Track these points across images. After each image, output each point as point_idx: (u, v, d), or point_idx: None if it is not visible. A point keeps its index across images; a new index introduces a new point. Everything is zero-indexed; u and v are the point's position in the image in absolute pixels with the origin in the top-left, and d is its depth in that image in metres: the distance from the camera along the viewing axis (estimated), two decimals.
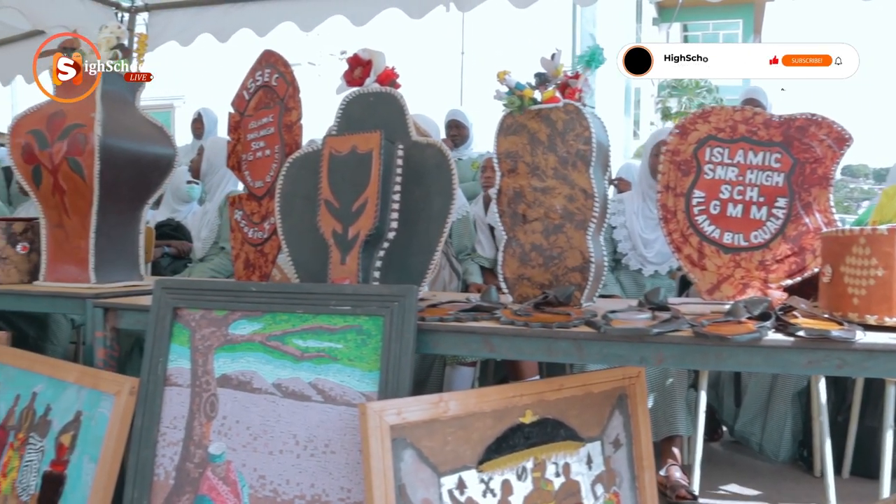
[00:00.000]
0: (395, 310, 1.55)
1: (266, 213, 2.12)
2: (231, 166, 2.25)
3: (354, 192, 1.84)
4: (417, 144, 1.93)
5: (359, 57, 2.04)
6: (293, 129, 2.07)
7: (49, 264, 2.30)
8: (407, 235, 1.89)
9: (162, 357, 1.72)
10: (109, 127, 2.17)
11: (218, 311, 1.71)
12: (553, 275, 1.99)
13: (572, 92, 2.04)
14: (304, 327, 1.62)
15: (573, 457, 1.78)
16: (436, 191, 1.88)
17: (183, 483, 1.66)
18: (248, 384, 1.64)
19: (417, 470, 1.50)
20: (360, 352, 1.57)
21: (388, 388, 1.51)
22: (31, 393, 2.00)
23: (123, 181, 2.25)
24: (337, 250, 1.83)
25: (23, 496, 1.89)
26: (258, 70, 2.20)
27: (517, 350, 1.57)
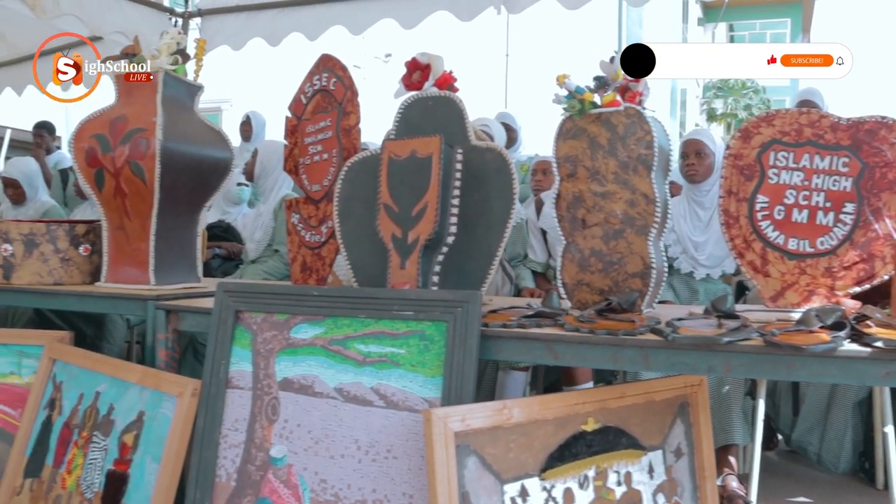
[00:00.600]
0: (458, 315, 1.54)
1: (323, 217, 2.13)
2: (288, 170, 2.27)
3: (414, 197, 1.84)
4: (477, 149, 1.92)
5: (417, 61, 2.03)
6: (351, 133, 2.07)
7: (110, 266, 2.34)
8: (466, 240, 1.88)
9: (224, 360, 1.73)
10: (170, 131, 2.20)
11: (280, 315, 1.72)
12: (613, 280, 1.96)
13: (633, 95, 2.01)
14: (366, 332, 1.62)
15: (635, 465, 1.75)
16: (496, 195, 1.87)
17: (244, 485, 1.68)
18: (310, 388, 1.64)
19: (481, 477, 1.48)
20: (422, 357, 1.56)
21: (451, 394, 1.50)
22: (95, 392, 2.04)
23: (182, 184, 2.28)
24: (396, 255, 1.83)
25: (87, 493, 1.93)
26: (315, 74, 2.21)
27: (581, 357, 1.55)
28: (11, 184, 4.00)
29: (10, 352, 2.32)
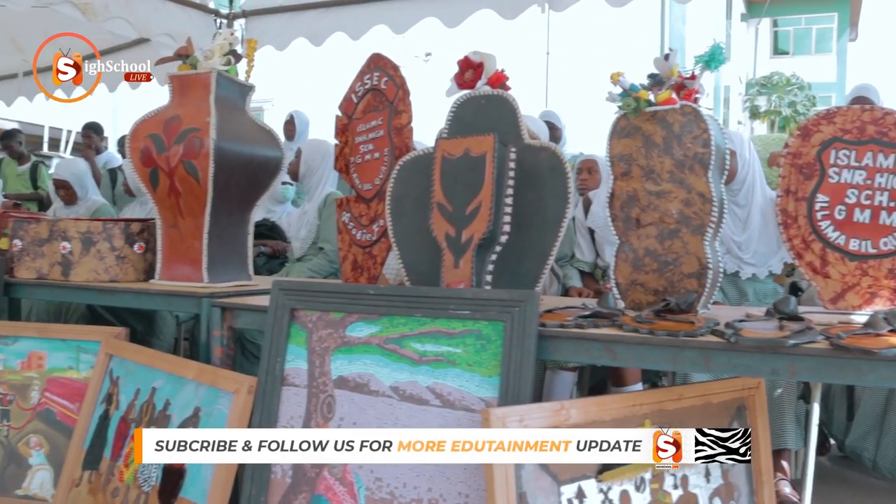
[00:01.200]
0: (516, 315, 1.53)
1: (375, 216, 2.13)
2: (339, 169, 2.28)
3: (468, 196, 1.83)
4: (531, 147, 1.91)
5: (469, 59, 2.02)
6: (403, 132, 2.07)
7: (164, 263, 2.38)
8: (520, 240, 1.87)
9: (279, 357, 1.75)
10: (223, 130, 2.23)
11: (335, 313, 1.73)
12: (668, 281, 1.93)
13: (689, 93, 1.98)
14: (423, 331, 1.61)
15: (691, 469, 1.72)
16: (550, 195, 1.85)
17: (299, 482, 1.69)
18: (366, 386, 1.64)
19: (538, 478, 1.47)
20: (479, 357, 1.55)
21: (508, 394, 1.49)
22: (151, 388, 2.07)
23: (235, 183, 2.30)
24: (450, 253, 1.82)
25: (144, 486, 1.96)
26: (366, 73, 2.21)
27: (641, 358, 1.53)
28: (62, 185, 4.08)
29: (69, 347, 2.37)
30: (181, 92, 2.36)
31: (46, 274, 2.51)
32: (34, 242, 2.52)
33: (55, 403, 2.38)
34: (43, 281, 2.52)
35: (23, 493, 2.36)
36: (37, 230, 2.51)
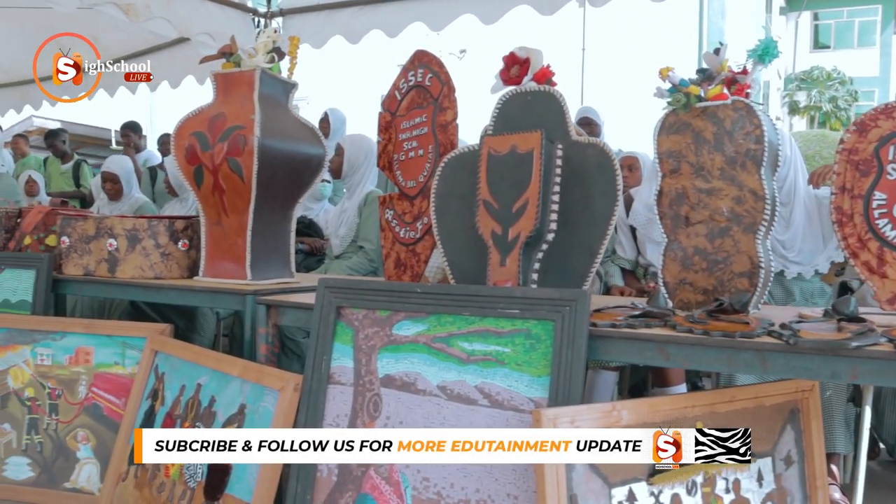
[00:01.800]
0: (566, 314, 1.50)
1: (418, 213, 2.12)
2: (381, 166, 2.27)
3: (514, 193, 1.81)
4: (578, 144, 1.88)
5: (515, 55, 2.00)
6: (448, 129, 2.06)
7: (208, 261, 2.39)
8: (567, 237, 1.84)
9: (325, 355, 1.74)
10: (267, 128, 2.23)
11: (381, 312, 1.72)
12: (718, 280, 1.89)
13: (740, 88, 1.94)
14: (470, 330, 1.60)
15: (743, 473, 1.68)
16: (598, 192, 1.82)
17: (345, 480, 1.68)
18: (413, 385, 1.63)
19: (589, 480, 1.45)
20: (528, 356, 1.53)
21: (558, 394, 1.47)
22: (196, 384, 2.08)
23: (278, 181, 2.31)
24: (496, 251, 1.80)
25: (190, 482, 1.97)
26: (410, 70, 2.20)
27: (695, 359, 1.49)
28: (112, 178, 4.14)
29: (115, 343, 2.40)
30: (225, 90, 2.37)
31: (93, 271, 2.54)
32: (81, 239, 2.55)
33: (102, 398, 2.41)
34: (90, 277, 2.55)
35: (70, 485, 2.40)
36: (84, 227, 2.54)
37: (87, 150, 8.75)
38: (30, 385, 2.51)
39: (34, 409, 2.49)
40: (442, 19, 4.68)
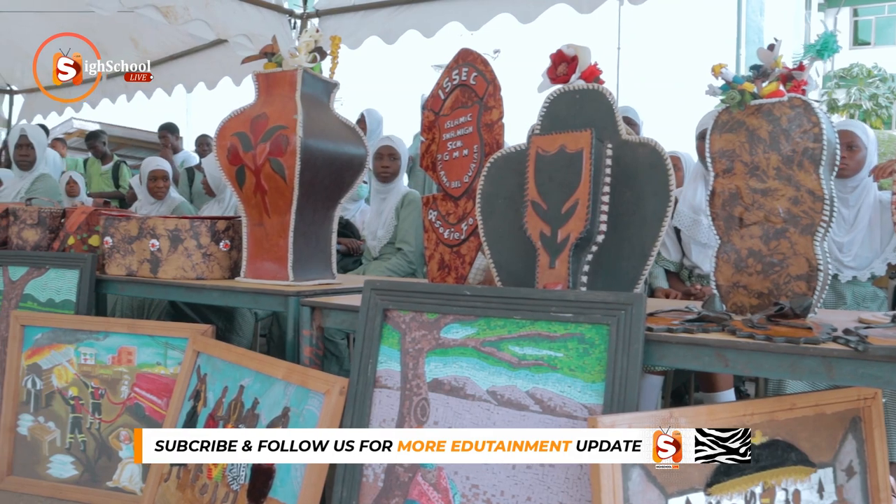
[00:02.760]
0: (622, 318, 1.46)
1: (463, 214, 2.08)
2: (425, 166, 2.24)
3: (563, 194, 1.76)
4: (628, 143, 1.83)
5: (563, 53, 1.96)
6: (493, 129, 2.02)
7: (249, 261, 2.38)
8: (617, 239, 1.79)
9: (372, 358, 1.71)
10: (309, 128, 2.21)
11: (429, 314, 1.68)
12: (773, 283, 1.83)
13: (797, 84, 1.87)
14: (521, 334, 1.56)
15: (804, 483, 1.62)
16: (650, 192, 1.77)
17: (392, 486, 1.65)
18: (461, 390, 1.59)
19: (645, 490, 1.40)
20: (581, 361, 1.49)
21: (614, 401, 1.42)
22: (239, 386, 2.07)
23: (320, 181, 2.29)
24: (545, 253, 1.76)
25: (233, 485, 1.95)
26: (454, 69, 2.17)
27: (755, 366, 1.44)
28: (164, 175, 4.18)
29: (157, 343, 2.40)
30: (267, 90, 2.35)
31: (136, 271, 2.55)
32: (124, 240, 2.56)
33: (144, 398, 2.41)
34: (132, 277, 2.55)
35: (113, 484, 2.41)
36: (127, 228, 2.55)
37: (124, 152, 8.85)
38: (73, 384, 2.52)
39: (78, 408, 2.51)
40: (478, 19, 4.64)
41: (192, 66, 5.78)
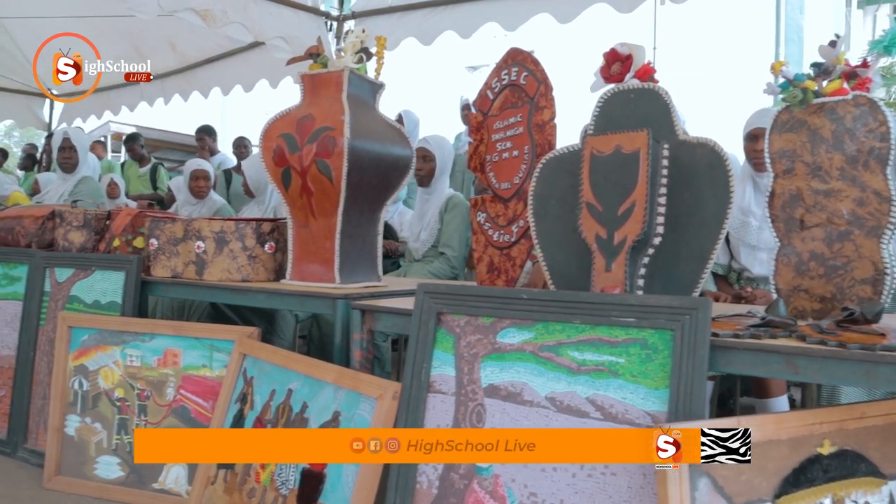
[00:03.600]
0: (686, 323, 1.41)
1: (513, 216, 2.05)
2: (472, 168, 2.21)
3: (619, 195, 1.72)
4: (686, 143, 1.78)
5: (616, 52, 1.92)
6: (545, 129, 1.98)
7: (294, 263, 2.37)
8: (674, 241, 1.75)
9: (425, 363, 1.68)
10: (356, 129, 2.19)
11: (485, 318, 1.65)
12: (837, 287, 1.77)
13: (861, 82, 1.81)
14: (581, 338, 1.52)
15: (874, 496, 1.56)
16: (709, 193, 1.72)
17: (447, 493, 1.62)
18: (519, 396, 1.56)
19: (712, 500, 1.36)
20: (644, 367, 1.44)
21: (679, 408, 1.38)
22: (287, 389, 2.05)
23: (366, 182, 2.27)
24: (601, 256, 1.72)
25: (282, 489, 1.94)
26: (503, 69, 2.14)
27: (827, 373, 1.39)
28: (205, 175, 4.20)
29: (203, 345, 2.40)
30: (313, 91, 2.34)
31: (181, 273, 2.55)
32: (170, 242, 2.56)
33: (190, 400, 2.41)
34: (177, 279, 2.56)
35: (159, 486, 2.41)
36: (172, 230, 2.55)
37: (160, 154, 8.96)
38: (119, 385, 2.53)
39: (124, 409, 2.51)
40: (516, 19, 4.61)
41: (228, 68, 5.82)
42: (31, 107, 7.07)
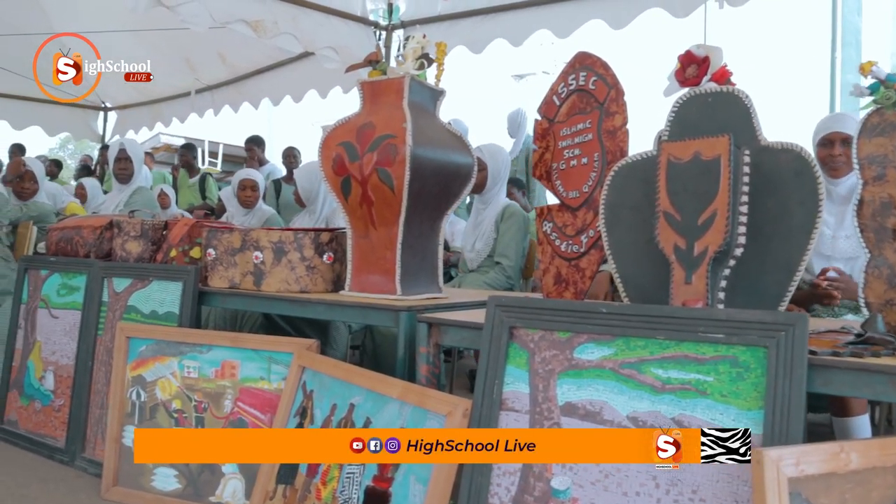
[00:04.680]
0: (781, 340, 1.32)
1: (582, 226, 1.98)
2: (538, 176, 2.14)
3: (699, 204, 1.64)
4: (769, 149, 1.69)
5: (692, 54, 1.84)
6: (616, 135, 1.91)
7: (354, 274, 2.32)
8: (758, 252, 1.66)
9: (498, 379, 1.62)
10: (417, 137, 2.14)
11: (561, 333, 1.58)
12: None
13: None
14: (665, 355, 1.44)
15: None
16: (796, 201, 1.64)
17: None
18: (598, 415, 1.48)
19: None
20: (735, 387, 1.36)
21: (775, 431, 1.29)
22: (349, 404, 2.00)
23: (428, 191, 2.22)
24: (680, 268, 1.64)
25: None
26: (570, 73, 2.07)
27: None
28: (253, 185, 4.22)
29: (261, 357, 2.36)
30: (372, 98, 2.30)
31: (238, 283, 2.53)
32: (227, 252, 2.54)
33: (247, 413, 2.38)
34: (235, 290, 2.53)
35: (216, 500, 2.37)
36: (230, 240, 2.53)
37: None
38: (177, 397, 2.51)
39: (181, 421, 2.49)
40: (569, 25, 4.54)
41: (278, 79, 5.86)
42: (86, 119, 7.20)
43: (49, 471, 2.78)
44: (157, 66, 6.35)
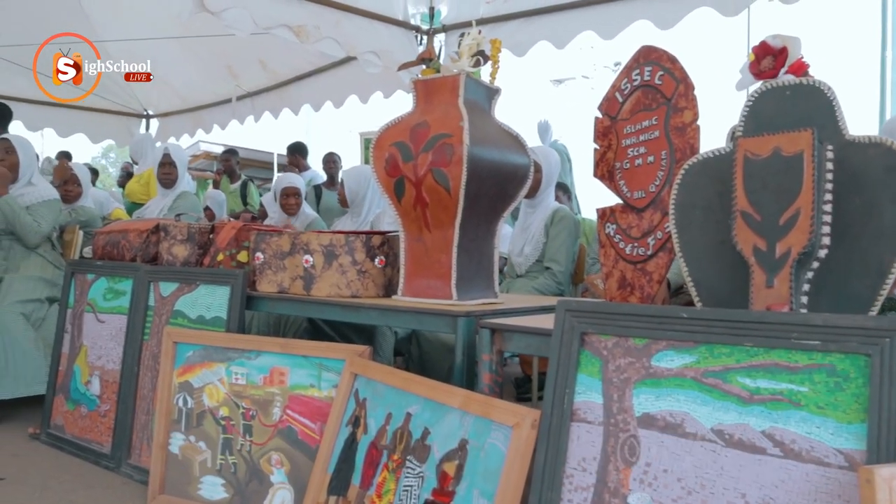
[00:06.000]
0: (885, 347, 1.22)
1: (649, 228, 1.88)
2: (599, 176, 2.05)
3: (781, 203, 1.54)
4: (855, 144, 1.58)
5: (767, 45, 1.74)
6: (686, 132, 1.82)
7: (407, 279, 2.26)
8: (844, 254, 1.55)
9: (568, 389, 1.53)
10: (474, 136, 2.07)
11: (637, 340, 1.49)
12: None
13: None
14: (753, 363, 1.34)
15: None
16: (886, 199, 1.52)
17: None
18: (679, 427, 1.39)
19: None
20: (833, 398, 1.26)
21: (881, 447, 1.19)
22: (405, 413, 1.93)
23: (484, 193, 2.15)
24: (761, 271, 1.54)
25: None
26: (634, 69, 1.98)
27: None
28: (296, 192, 4.21)
29: (311, 364, 2.31)
30: (426, 97, 2.24)
31: (287, 288, 2.47)
32: (276, 255, 2.49)
33: (297, 421, 2.32)
34: (284, 295, 2.48)
35: None
36: (279, 243, 2.48)
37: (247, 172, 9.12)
38: (224, 404, 2.46)
39: (229, 428, 2.44)
40: (614, 27, 4.45)
41: (318, 84, 5.84)
42: (129, 127, 7.27)
43: (95, 477, 2.75)
44: (199, 73, 6.40)
